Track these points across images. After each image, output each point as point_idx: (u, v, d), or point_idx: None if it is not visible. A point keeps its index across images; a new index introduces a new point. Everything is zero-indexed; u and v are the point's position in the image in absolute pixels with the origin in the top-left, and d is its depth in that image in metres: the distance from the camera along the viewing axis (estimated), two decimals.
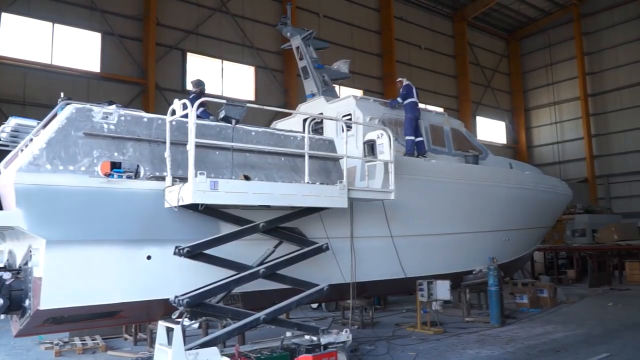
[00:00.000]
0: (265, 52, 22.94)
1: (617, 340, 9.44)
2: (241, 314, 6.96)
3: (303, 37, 11.92)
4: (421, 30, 30.73)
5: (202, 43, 21.30)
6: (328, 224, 8.43)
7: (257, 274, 7.18)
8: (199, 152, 6.67)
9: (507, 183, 11.97)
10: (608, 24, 32.90)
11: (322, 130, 10.67)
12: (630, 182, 31.66)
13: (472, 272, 11.68)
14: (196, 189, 6.19)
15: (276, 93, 23.19)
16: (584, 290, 17.76)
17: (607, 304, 14.18)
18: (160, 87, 19.79)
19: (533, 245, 14.97)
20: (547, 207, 13.85)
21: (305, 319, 11.53)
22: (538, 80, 36.30)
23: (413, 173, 9.70)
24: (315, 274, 8.02)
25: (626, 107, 31.93)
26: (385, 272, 9.79)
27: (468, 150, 11.73)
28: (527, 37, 36.73)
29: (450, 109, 30.51)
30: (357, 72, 24.94)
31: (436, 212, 10.38)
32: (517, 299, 13.92)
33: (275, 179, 7.58)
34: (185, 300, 6.40)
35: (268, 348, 7.03)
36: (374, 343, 9.41)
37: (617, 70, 32.45)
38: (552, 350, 8.71)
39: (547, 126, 35.83)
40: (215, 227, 7.31)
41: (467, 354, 8.62)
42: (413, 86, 10.89)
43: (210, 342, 6.41)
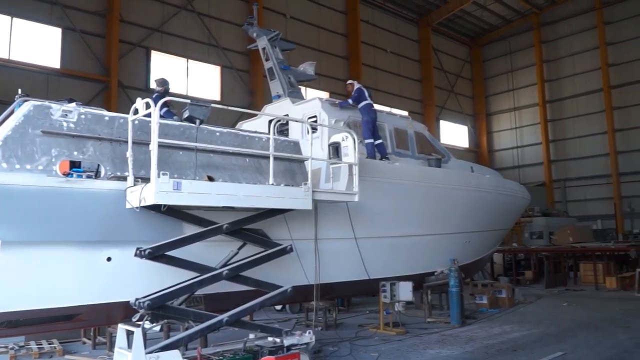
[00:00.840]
0: (231, 52, 22.77)
1: (571, 339, 9.78)
2: (203, 316, 6.90)
3: (269, 38, 11.90)
4: (387, 34, 31.09)
5: (167, 41, 20.96)
6: (292, 226, 8.44)
7: (220, 276, 7.14)
8: (162, 152, 6.58)
9: (468, 186, 12.23)
10: (566, 33, 34.06)
11: (287, 132, 10.68)
12: (585, 186, 32.83)
13: (434, 274, 11.90)
14: (159, 189, 6.10)
15: (242, 93, 23.04)
16: (541, 290, 18.31)
17: (562, 304, 14.66)
18: (124, 85, 19.38)
19: (493, 247, 15.36)
20: (506, 209, 14.22)
21: (269, 320, 11.52)
22: (499, 86, 37.26)
23: (377, 175, 9.81)
24: (279, 276, 8.02)
25: (582, 114, 33.11)
26: (349, 273, 9.87)
27: (431, 154, 11.93)
28: (489, 44, 37.67)
29: (415, 112, 30.99)
30: (323, 74, 25.03)
31: (399, 214, 10.53)
32: (477, 299, 14.24)
33: (239, 180, 7.55)
34: (146, 303, 6.30)
35: (231, 350, 6.98)
36: (337, 344, 9.47)
37: (574, 78, 33.62)
38: (509, 350, 8.96)
39: (507, 131, 36.79)
40: (178, 229, 7.23)
41: (428, 354, 8.77)
42: (364, 89, 10.78)
43: (171, 345, 6.32)
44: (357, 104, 10.62)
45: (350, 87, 11.08)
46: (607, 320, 11.70)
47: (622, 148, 31.07)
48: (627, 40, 31.09)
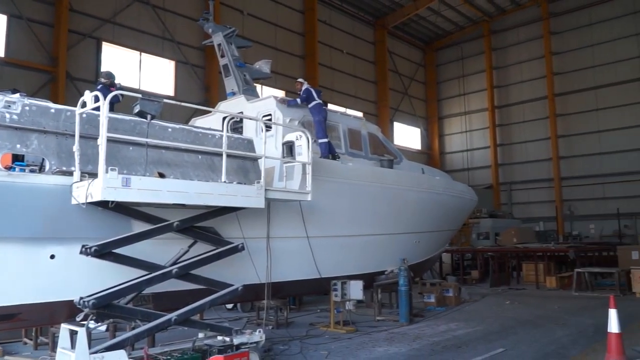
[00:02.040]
0: (186, 46, 22.37)
1: (512, 336, 10.19)
2: (151, 315, 6.78)
3: (225, 35, 11.80)
4: (344, 35, 31.35)
5: (119, 33, 20.36)
6: (244, 224, 8.42)
7: (169, 274, 7.03)
8: (111, 147, 6.43)
9: (419, 187, 12.53)
10: (514, 42, 35.35)
11: (241, 130, 10.63)
12: (529, 189, 34.19)
13: (384, 273, 12.12)
14: (106, 185, 5.96)
15: (197, 90, 22.69)
16: (486, 289, 18.95)
17: (505, 303, 15.22)
18: (72, 77, 18.71)
19: (442, 247, 15.79)
20: (455, 210, 14.65)
21: (219, 319, 11.43)
22: (451, 91, 38.27)
23: (330, 175, 9.91)
24: (230, 274, 7.98)
25: (528, 120, 34.45)
26: (301, 272, 9.93)
27: (384, 155, 12.15)
28: (443, 49, 38.61)
29: (370, 113, 31.40)
30: (279, 73, 24.99)
31: (351, 214, 10.67)
32: (425, 298, 14.61)
33: (191, 177, 7.46)
34: (91, 302, 6.14)
35: (179, 350, 6.89)
36: (287, 343, 9.50)
37: (521, 85, 34.93)
38: (454, 346, 9.24)
39: (458, 134, 37.84)
40: (127, 226, 7.08)
41: (376, 351, 8.93)
42: (313, 89, 10.78)
43: (117, 344, 6.18)
44: (307, 104, 10.66)
45: (299, 86, 11.04)
46: (546, 318, 12.24)
47: (564, 153, 32.53)
48: (571, 51, 32.59)
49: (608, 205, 29.83)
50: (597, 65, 31.43)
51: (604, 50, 31.18)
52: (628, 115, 30.01)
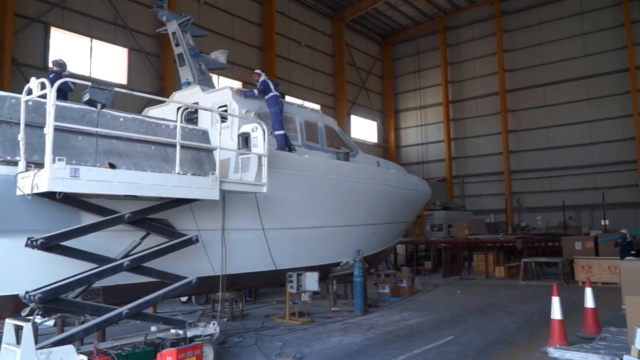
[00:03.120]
0: (140, 34, 21.76)
1: (462, 324, 10.53)
2: (101, 309, 6.62)
3: (180, 23, 11.55)
4: (302, 27, 31.26)
5: (69, 18, 19.59)
6: (199, 216, 8.33)
7: (120, 267, 6.89)
8: (58, 137, 6.22)
9: (374, 180, 12.70)
10: (468, 38, 36.18)
11: (196, 121, 10.47)
12: (480, 182, 35.20)
13: (340, 264, 12.25)
14: (53, 175, 5.77)
15: (151, 79, 22.14)
16: (438, 279, 19.47)
17: (456, 292, 15.70)
18: (18, 63, 17.89)
19: (396, 239, 16.08)
20: (409, 203, 14.94)
21: (173, 312, 11.28)
22: (407, 85, 38.83)
23: (286, 167, 9.91)
24: (184, 267, 7.89)
25: (480, 115, 35.40)
26: (256, 264, 9.92)
27: (340, 148, 12.25)
28: (399, 44, 39.10)
29: (327, 106, 31.50)
30: (236, 64, 24.71)
31: (307, 206, 10.72)
32: (380, 288, 14.87)
33: (144, 168, 7.29)
34: (38, 296, 5.95)
35: (130, 344, 6.76)
36: (242, 335, 9.49)
37: (474, 80, 35.82)
38: (406, 335, 9.48)
39: (413, 128, 38.47)
40: (76, 218, 6.89)
41: (331, 341, 9.05)
42: (270, 81, 10.74)
43: (65, 339, 6.01)
44: (264, 95, 10.60)
45: (256, 77, 10.96)
46: (495, 306, 12.70)
47: (514, 148, 33.63)
48: (522, 49, 33.64)
49: (554, 197, 31.09)
50: (545, 63, 32.57)
51: (552, 48, 32.35)
52: (574, 111, 31.30)
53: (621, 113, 29.70)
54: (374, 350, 8.32)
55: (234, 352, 8.21)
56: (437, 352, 8.12)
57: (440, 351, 8.20)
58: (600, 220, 27.63)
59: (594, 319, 8.82)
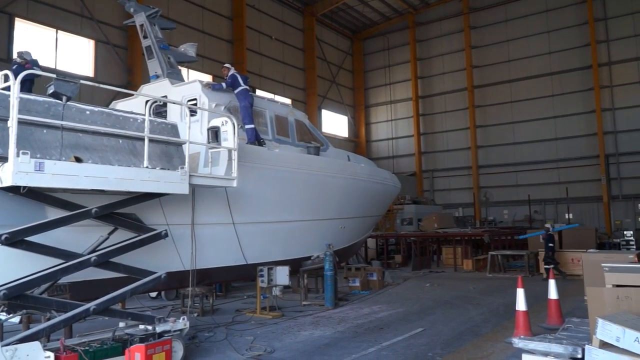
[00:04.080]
0: (107, 25, 21.28)
1: (431, 316, 10.73)
2: (68, 305, 6.53)
3: (148, 15, 11.36)
4: (272, 21, 31.09)
5: (34, 8, 19.01)
6: (168, 210, 8.26)
7: (87, 262, 6.79)
8: (22, 130, 6.08)
9: (344, 174, 12.78)
10: (437, 34, 36.60)
11: (165, 114, 10.34)
12: (449, 177, 35.75)
13: (310, 258, 12.31)
14: (17, 169, 5.64)
15: (118, 71, 21.69)
16: (408, 273, 19.74)
17: (425, 285, 15.95)
18: None
19: (366, 233, 16.23)
20: (379, 197, 15.09)
21: (142, 308, 11.15)
22: (377, 80, 39.08)
23: (256, 161, 9.89)
24: (153, 262, 7.83)
25: (449, 110, 35.90)
26: (227, 258, 9.89)
27: (310, 142, 12.28)
28: (370, 39, 39.29)
29: (298, 100, 31.47)
30: (207, 57, 24.44)
31: (277, 200, 10.73)
32: (350, 282, 15.00)
33: (111, 162, 7.18)
34: (2, 292, 5.82)
35: (98, 340, 6.68)
36: (213, 330, 9.46)
37: (443, 76, 36.30)
38: (376, 328, 9.60)
39: (384, 123, 38.78)
40: (41, 212, 6.75)
41: (301, 335, 9.10)
42: (239, 75, 10.66)
43: (30, 336, 5.90)
44: (233, 89, 10.54)
45: (226, 71, 10.91)
46: (462, 299, 12.98)
47: (482, 143, 34.26)
48: (488, 45, 34.24)
49: (520, 192, 31.83)
50: (512, 60, 33.24)
51: (518, 45, 33.02)
52: (539, 107, 32.06)
53: (585, 109, 30.55)
54: (344, 343, 8.41)
55: (205, 347, 8.18)
56: (406, 344, 8.26)
57: (409, 343, 8.35)
58: (564, 214, 28.44)
59: (558, 310, 9.10)
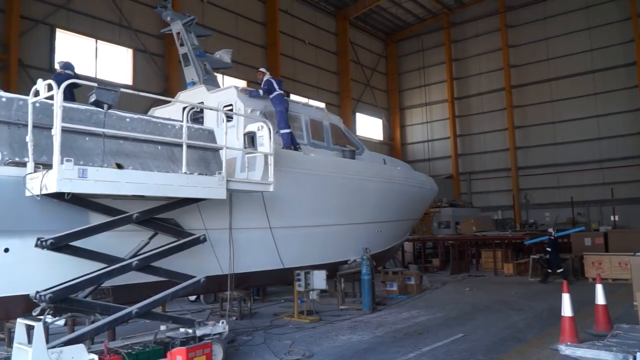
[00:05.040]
0: (144, 34, 21.81)
1: (471, 321, 10.49)
2: (111, 308, 6.66)
3: (184, 23, 11.58)
4: (305, 26, 31.23)
5: (74, 19, 19.67)
6: (206, 215, 8.34)
7: (129, 267, 6.92)
8: (66, 138, 6.25)
9: (380, 178, 12.67)
10: (473, 34, 36.02)
11: (202, 120, 10.49)
12: (487, 179, 35.06)
13: (347, 262, 12.24)
14: (62, 176, 5.79)
15: (156, 79, 22.19)
16: (446, 277, 19.40)
17: (464, 289, 15.63)
18: (24, 65, 17.99)
19: (403, 236, 16.04)
20: (415, 200, 14.90)
21: (182, 312, 11.31)
22: (412, 82, 38.70)
23: (292, 166, 9.90)
24: (192, 266, 7.91)
25: (486, 111, 35.24)
26: (264, 263, 9.92)
27: (345, 145, 12.22)
28: (404, 40, 38.98)
29: (332, 104, 31.47)
30: (241, 63, 24.71)
31: (314, 204, 10.71)
32: (388, 286, 14.83)
33: (150, 168, 7.32)
34: (48, 296, 5.98)
35: (140, 343, 6.80)
36: (251, 333, 9.50)
37: (479, 77, 35.67)
38: (415, 333, 9.45)
39: (419, 125, 38.36)
40: (84, 218, 6.91)
41: (339, 339, 9.04)
42: (274, 80, 10.75)
43: (75, 339, 6.04)
44: (268, 94, 10.60)
45: (261, 76, 10.99)
46: (504, 303, 12.64)
47: (521, 144, 33.47)
48: (526, 44, 33.45)
49: (562, 193, 30.91)
50: (551, 58, 32.38)
51: (558, 43, 32.14)
52: (581, 106, 31.10)
53: (629, 107, 29.46)
54: (383, 348, 8.31)
55: (243, 351, 8.22)
56: (447, 350, 8.09)
57: (450, 349, 8.17)
58: (610, 216, 27.44)
59: (605, 315, 8.74)
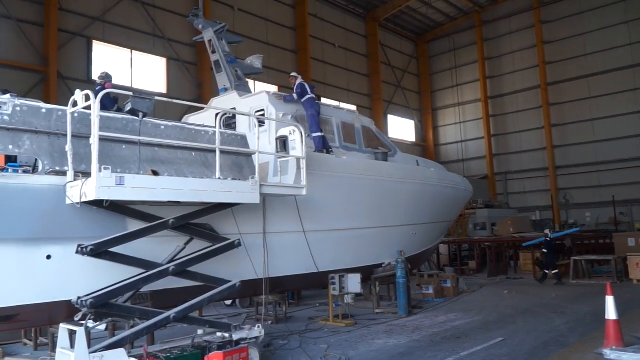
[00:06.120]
0: (177, 43, 22.25)
1: (511, 325, 10.23)
2: (150, 313, 6.77)
3: (215, 30, 11.73)
4: (335, 29, 31.26)
5: (110, 31, 20.24)
6: (240, 220, 8.39)
7: (166, 272, 7.01)
8: (103, 146, 6.40)
9: (413, 179, 12.52)
10: (506, 32, 35.35)
11: (234, 126, 10.57)
12: (524, 179, 34.30)
13: (382, 265, 12.13)
14: (100, 184, 5.92)
15: (189, 86, 22.60)
16: (484, 279, 19.02)
17: (503, 292, 15.29)
18: (63, 76, 18.59)
19: (438, 239, 15.80)
20: (450, 202, 14.66)
21: (218, 316, 11.42)
22: (444, 82, 38.25)
23: (325, 169, 9.88)
24: (227, 271, 7.97)
25: (521, 110, 34.50)
26: (298, 267, 9.92)
27: (378, 148, 12.13)
28: (435, 40, 38.57)
29: (363, 107, 31.37)
30: (272, 68, 24.90)
31: (347, 207, 10.65)
32: (424, 289, 14.65)
33: (185, 174, 7.43)
34: (89, 301, 6.12)
35: (178, 347, 6.88)
36: (287, 337, 9.51)
37: (513, 75, 34.97)
38: (453, 337, 9.27)
39: (452, 125, 37.86)
40: (122, 224, 7.05)
41: (376, 344, 8.95)
42: (306, 83, 10.75)
43: (116, 343, 6.16)
44: (300, 98, 10.61)
45: (293, 80, 11.00)
46: (544, 307, 12.30)
47: (558, 142, 32.62)
48: (562, 40, 32.63)
49: (603, 192, 29.96)
50: (589, 54, 31.49)
51: (595, 38, 31.24)
52: (620, 102, 30.10)
53: None
54: (420, 353, 8.18)
55: (279, 355, 8.23)
56: (486, 354, 7.91)
57: (489, 353, 7.98)
58: None
59: None
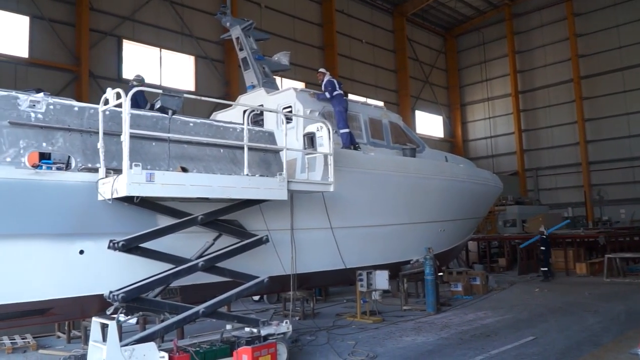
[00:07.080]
0: (205, 41, 22.47)
1: (542, 324, 10.03)
2: (179, 307, 6.86)
3: (243, 28, 11.78)
4: (362, 25, 31.07)
5: (139, 30, 20.58)
6: (268, 216, 8.43)
7: (196, 267, 7.10)
8: (134, 143, 6.50)
9: (442, 176, 12.36)
10: (537, 24, 34.53)
11: (262, 122, 10.62)
12: (556, 175, 33.51)
13: (410, 262, 12.03)
14: (131, 181, 6.02)
15: (217, 84, 22.81)
16: (514, 277, 18.72)
17: (533, 290, 15.01)
18: (95, 75, 18.98)
19: (467, 235, 15.59)
20: (479, 198, 14.43)
21: (246, 311, 11.52)
22: (473, 77, 37.63)
23: (352, 165, 9.83)
24: (255, 266, 8.02)
25: (553, 104, 33.70)
26: (326, 263, 9.92)
27: (406, 144, 12.01)
28: (463, 35, 37.96)
29: (391, 102, 31.13)
30: (299, 64, 24.92)
31: (375, 203, 10.59)
32: (452, 286, 14.49)
33: (214, 170, 7.49)
34: (121, 296, 6.24)
35: (207, 341, 6.96)
36: (314, 333, 9.53)
37: (545, 68, 34.15)
38: (482, 335, 9.14)
39: (481, 121, 37.23)
40: (152, 220, 7.16)
41: (403, 340, 8.89)
42: (335, 80, 10.71)
43: (147, 337, 6.27)
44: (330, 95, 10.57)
45: (321, 76, 10.98)
46: (577, 305, 12.02)
47: (592, 137, 31.78)
48: (596, 32, 31.71)
49: (639, 189, 29.05)
50: (623, 46, 30.53)
51: (629, 30, 30.25)
52: None
53: None
54: (449, 350, 8.09)
55: (307, 351, 8.25)
56: (516, 353, 7.78)
57: (520, 352, 7.85)
58: None
59: None
